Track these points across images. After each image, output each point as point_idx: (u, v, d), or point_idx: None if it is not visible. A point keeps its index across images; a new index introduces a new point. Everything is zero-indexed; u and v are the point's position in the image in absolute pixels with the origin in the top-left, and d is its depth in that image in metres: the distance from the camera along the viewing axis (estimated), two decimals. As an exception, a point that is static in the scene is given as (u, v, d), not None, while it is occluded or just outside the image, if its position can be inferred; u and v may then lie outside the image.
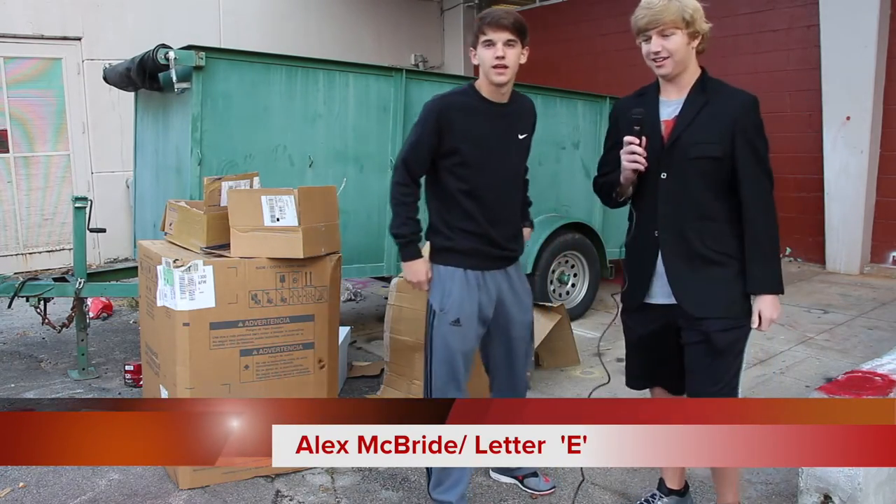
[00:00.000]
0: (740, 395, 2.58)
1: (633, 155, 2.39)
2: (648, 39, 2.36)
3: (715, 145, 2.37)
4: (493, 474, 3.18)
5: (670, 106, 2.45)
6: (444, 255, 2.75)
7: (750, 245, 2.42)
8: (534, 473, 3.08)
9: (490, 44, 2.60)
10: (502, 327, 2.85)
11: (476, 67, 2.73)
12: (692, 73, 2.43)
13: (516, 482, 3.11)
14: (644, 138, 2.39)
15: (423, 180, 2.81)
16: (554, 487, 3.07)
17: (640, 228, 2.51)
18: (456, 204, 2.71)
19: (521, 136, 2.79)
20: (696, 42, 2.38)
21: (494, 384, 2.99)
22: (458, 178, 2.69)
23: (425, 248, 2.84)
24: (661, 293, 2.50)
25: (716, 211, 2.43)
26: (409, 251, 2.75)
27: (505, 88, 2.71)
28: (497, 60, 2.60)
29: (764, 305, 2.42)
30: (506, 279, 2.82)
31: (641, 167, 2.39)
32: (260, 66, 4.42)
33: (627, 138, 2.39)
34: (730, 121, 2.36)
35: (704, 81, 2.44)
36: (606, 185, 2.58)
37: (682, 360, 2.56)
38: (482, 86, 2.72)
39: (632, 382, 2.75)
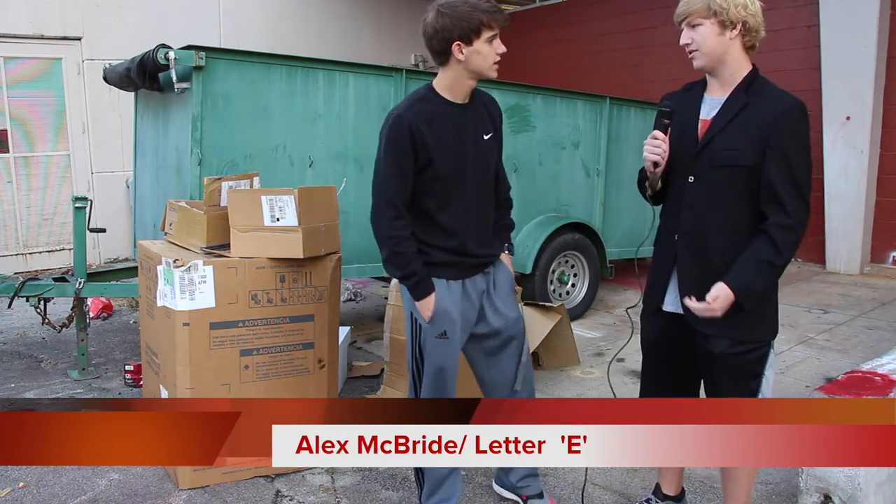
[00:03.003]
0: None
1: (653, 148, 2.29)
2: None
3: (745, 153, 2.20)
4: (496, 486, 3.02)
5: (712, 104, 2.31)
6: None
7: (751, 255, 2.21)
8: (539, 495, 2.89)
9: (495, 37, 2.41)
10: (481, 334, 2.71)
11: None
12: (736, 70, 2.26)
13: (519, 501, 2.92)
14: (668, 131, 2.30)
15: None
16: None
17: (662, 230, 2.44)
18: (432, 222, 2.54)
19: (486, 137, 2.58)
20: (733, 33, 2.21)
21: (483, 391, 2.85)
22: (432, 193, 2.51)
23: None
24: (672, 301, 2.41)
25: (743, 224, 2.26)
26: (424, 287, 2.52)
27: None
28: (500, 56, 2.45)
29: (722, 292, 2.20)
30: (485, 281, 2.68)
31: (659, 158, 2.29)
32: (260, 66, 4.42)
33: (654, 132, 2.31)
34: (765, 128, 2.18)
35: (751, 80, 2.26)
36: (640, 178, 2.46)
37: (697, 376, 2.49)
38: (445, 86, 2.50)
39: (644, 394, 2.62)
